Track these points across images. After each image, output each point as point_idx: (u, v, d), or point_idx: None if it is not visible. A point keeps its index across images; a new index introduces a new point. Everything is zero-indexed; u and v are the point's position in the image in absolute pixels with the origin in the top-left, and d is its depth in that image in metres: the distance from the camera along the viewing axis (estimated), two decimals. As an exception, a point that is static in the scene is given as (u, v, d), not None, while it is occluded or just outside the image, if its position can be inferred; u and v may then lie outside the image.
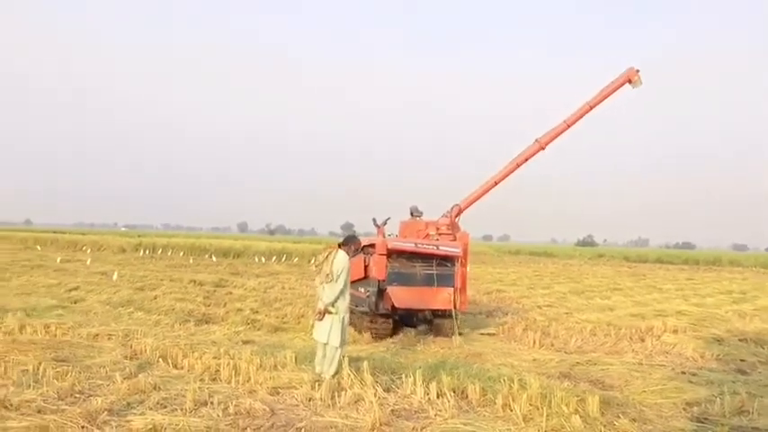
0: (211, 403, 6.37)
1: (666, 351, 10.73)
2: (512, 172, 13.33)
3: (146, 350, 8.66)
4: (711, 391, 7.71)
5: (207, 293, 16.96)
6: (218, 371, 7.60)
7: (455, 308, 11.29)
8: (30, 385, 6.78)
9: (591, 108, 13.13)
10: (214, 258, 36.72)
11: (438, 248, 11.55)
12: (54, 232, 60.32)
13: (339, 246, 7.88)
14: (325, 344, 7.64)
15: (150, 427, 5.64)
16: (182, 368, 7.96)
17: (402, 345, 10.97)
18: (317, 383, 7.11)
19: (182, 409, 6.16)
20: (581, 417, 6.13)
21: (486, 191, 13.30)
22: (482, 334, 12.13)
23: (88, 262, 28.28)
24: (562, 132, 13.16)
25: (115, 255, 38.35)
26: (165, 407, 6.27)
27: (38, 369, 7.32)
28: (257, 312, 13.65)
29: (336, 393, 6.80)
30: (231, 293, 17.46)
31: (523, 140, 13.52)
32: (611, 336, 12.13)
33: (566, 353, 10.34)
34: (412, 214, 13.09)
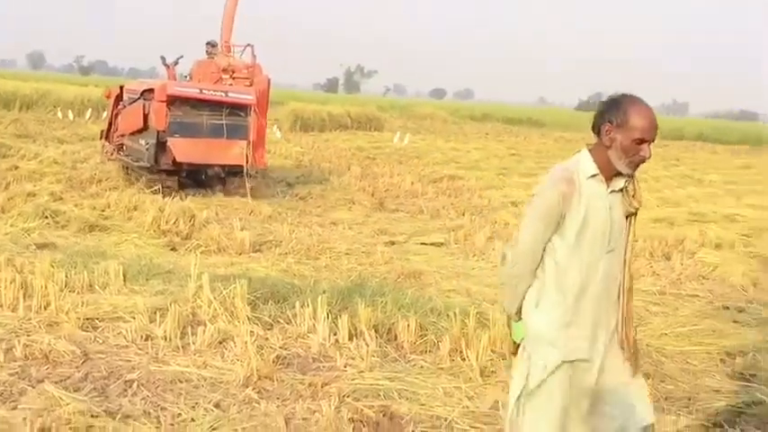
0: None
1: (703, 275, 8.33)
2: None
3: None
4: (765, 336, 5.98)
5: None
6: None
7: (248, 164, 10.79)
8: None
9: None
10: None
11: (227, 95, 10.93)
12: None
13: None
14: None
15: None
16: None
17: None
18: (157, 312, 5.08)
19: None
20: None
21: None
22: (423, 244, 9.08)
23: None
24: None
25: None
26: None
27: None
28: (61, 200, 10.03)
29: (191, 329, 4.93)
30: (17, 168, 12.51)
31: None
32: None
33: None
34: (208, 53, 11.95)
